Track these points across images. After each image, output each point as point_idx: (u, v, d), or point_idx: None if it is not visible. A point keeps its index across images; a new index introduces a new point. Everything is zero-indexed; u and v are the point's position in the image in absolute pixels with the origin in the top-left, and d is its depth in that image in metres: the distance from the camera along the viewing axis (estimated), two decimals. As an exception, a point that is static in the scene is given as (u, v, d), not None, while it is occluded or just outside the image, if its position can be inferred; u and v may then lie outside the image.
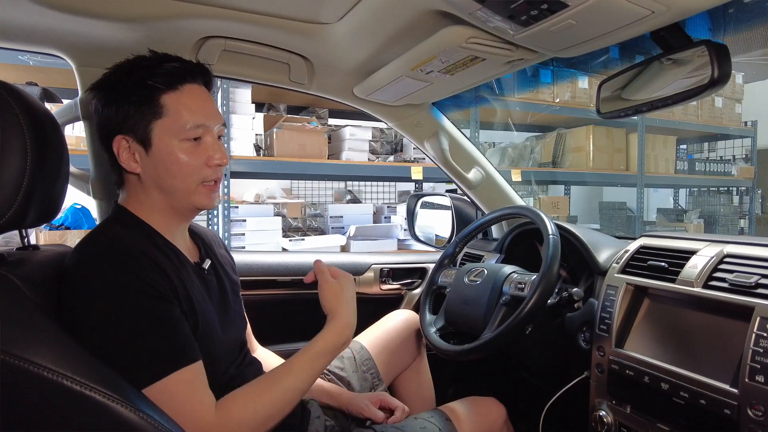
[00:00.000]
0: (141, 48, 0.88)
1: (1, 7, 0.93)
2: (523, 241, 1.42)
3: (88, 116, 1.13)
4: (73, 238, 2.09)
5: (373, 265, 1.65)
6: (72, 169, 1.02)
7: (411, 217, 1.82)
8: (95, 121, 0.88)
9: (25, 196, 0.69)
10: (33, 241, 0.85)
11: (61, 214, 2.02)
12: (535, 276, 1.07)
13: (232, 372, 0.91)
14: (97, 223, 1.14)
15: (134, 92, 0.83)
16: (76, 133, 2.34)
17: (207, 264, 0.95)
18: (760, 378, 0.74)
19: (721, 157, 5.66)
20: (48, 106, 1.03)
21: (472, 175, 1.55)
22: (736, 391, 0.77)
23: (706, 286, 0.89)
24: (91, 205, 1.26)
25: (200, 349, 0.79)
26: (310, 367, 0.87)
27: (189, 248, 0.95)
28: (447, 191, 1.80)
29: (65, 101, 1.23)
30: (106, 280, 0.73)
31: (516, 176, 3.58)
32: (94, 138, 1.14)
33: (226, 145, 2.69)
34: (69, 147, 0.85)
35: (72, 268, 0.76)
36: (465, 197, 1.65)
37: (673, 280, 0.95)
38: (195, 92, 0.87)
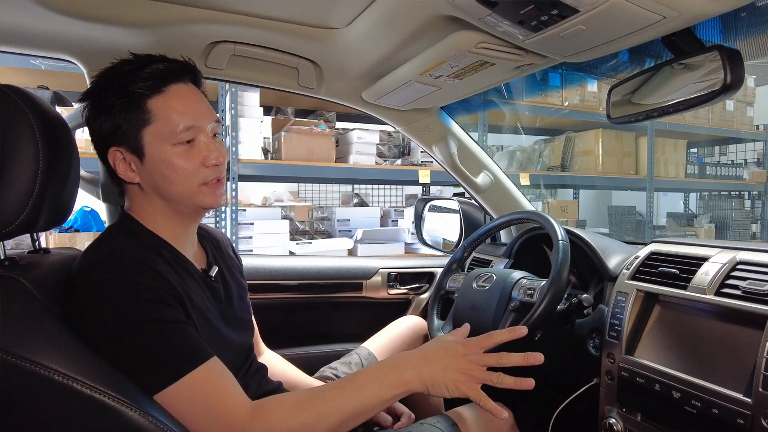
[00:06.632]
0: (151, 53, 0.89)
1: (12, 13, 0.94)
2: (532, 246, 1.41)
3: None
4: (82, 241, 2.11)
5: (381, 270, 1.65)
6: (82, 172, 1.03)
7: (419, 220, 1.81)
8: (89, 133, 0.85)
9: (37, 199, 0.70)
10: (43, 244, 0.86)
11: (71, 217, 2.04)
12: (544, 282, 1.06)
13: (238, 380, 0.90)
14: (106, 226, 1.15)
15: (119, 100, 0.79)
16: (86, 136, 2.36)
17: (214, 271, 0.94)
18: (774, 388, 0.73)
19: (732, 160, 5.60)
20: (59, 109, 1.04)
21: (481, 179, 1.54)
22: (749, 400, 0.76)
23: (718, 293, 0.88)
24: (100, 207, 1.26)
25: None
26: (353, 398, 0.79)
27: (197, 254, 0.94)
28: (455, 195, 1.79)
29: (76, 105, 1.24)
30: (108, 287, 0.73)
31: (524, 180, 3.56)
32: None
33: (234, 149, 2.70)
34: (79, 150, 0.85)
35: (76, 276, 0.76)
36: (473, 201, 1.65)
37: (684, 287, 0.94)
38: (182, 92, 0.83)
